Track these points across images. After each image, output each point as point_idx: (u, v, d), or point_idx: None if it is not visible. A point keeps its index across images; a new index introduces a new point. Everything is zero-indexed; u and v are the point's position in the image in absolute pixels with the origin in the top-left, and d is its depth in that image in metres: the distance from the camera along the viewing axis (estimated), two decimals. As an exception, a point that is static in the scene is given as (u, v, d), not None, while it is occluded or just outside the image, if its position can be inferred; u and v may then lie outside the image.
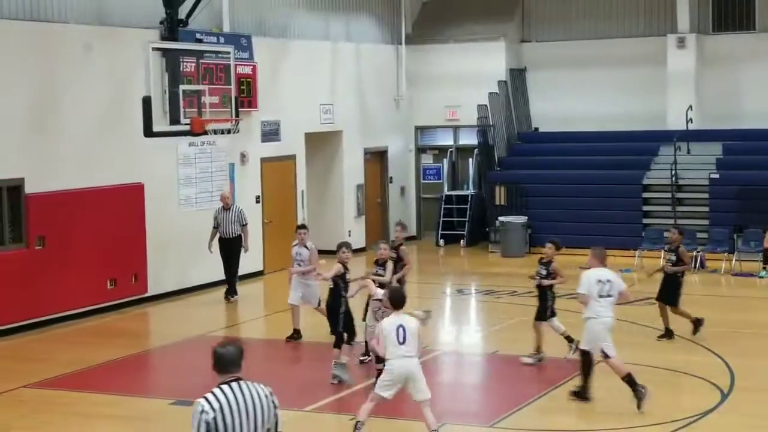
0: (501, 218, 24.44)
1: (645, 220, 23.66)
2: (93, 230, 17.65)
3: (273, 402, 6.17)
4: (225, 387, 6.09)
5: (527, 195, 24.64)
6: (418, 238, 27.44)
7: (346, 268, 13.35)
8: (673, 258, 15.62)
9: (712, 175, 23.17)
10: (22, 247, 16.64)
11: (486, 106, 25.64)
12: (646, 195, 23.93)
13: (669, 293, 15.46)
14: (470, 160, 26.94)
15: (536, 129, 27.06)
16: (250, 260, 20.39)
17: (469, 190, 26.72)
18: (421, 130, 27.67)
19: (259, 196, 21.85)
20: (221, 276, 19.56)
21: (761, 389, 12.70)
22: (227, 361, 6.13)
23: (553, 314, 14.07)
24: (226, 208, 18.85)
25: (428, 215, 27.42)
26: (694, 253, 21.62)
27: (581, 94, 26.14)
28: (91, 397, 12.78)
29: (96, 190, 17.80)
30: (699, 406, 11.81)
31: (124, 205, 18.36)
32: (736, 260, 21.47)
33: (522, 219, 24.29)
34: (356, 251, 24.66)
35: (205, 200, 20.11)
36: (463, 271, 23.37)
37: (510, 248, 24.12)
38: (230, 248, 18.98)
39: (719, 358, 14.04)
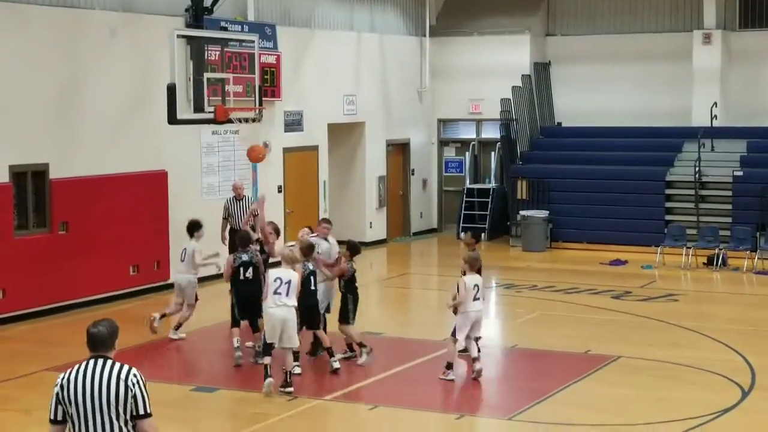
0: (522, 212, 24.40)
1: (667, 217, 23.56)
2: (116, 216, 17.75)
3: (128, 385, 6.20)
4: (83, 363, 6.27)
5: (549, 189, 24.58)
6: (439, 231, 27.43)
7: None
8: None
9: (736, 173, 23.06)
10: (46, 231, 16.74)
11: (509, 99, 25.60)
12: (669, 191, 23.83)
13: None
14: (492, 153, 26.91)
15: (559, 123, 26.99)
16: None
17: (491, 184, 26.70)
18: (443, 122, 27.65)
19: (281, 186, 21.89)
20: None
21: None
22: (95, 340, 6.30)
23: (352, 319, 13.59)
24: (239, 198, 18.38)
25: (450, 208, 27.41)
26: (717, 251, 21.58)
27: (605, 89, 26.05)
28: (111, 382, 12.82)
29: (120, 176, 17.89)
30: (719, 403, 11.78)
31: (148, 192, 18.45)
32: (758, 258, 21.36)
33: (543, 213, 24.24)
34: (377, 243, 24.89)
35: (228, 189, 20.11)
36: (483, 264, 23.30)
37: (531, 243, 24.09)
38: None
39: (740, 355, 14.00)
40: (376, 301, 18.72)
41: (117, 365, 6.27)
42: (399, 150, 26.33)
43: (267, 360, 12.14)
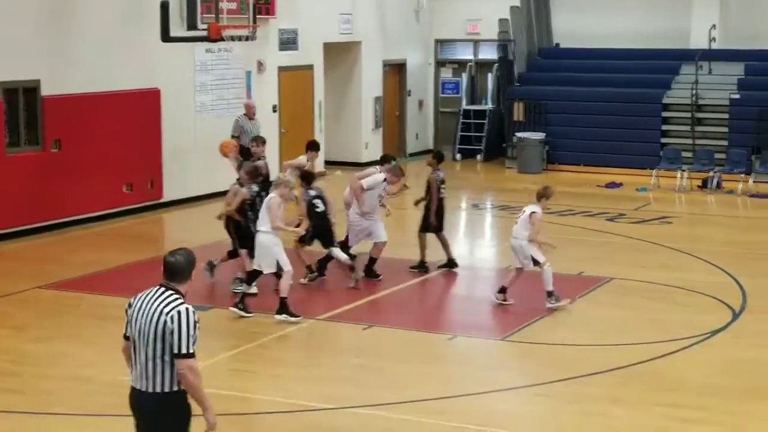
0: (519, 134, 24.31)
1: (663, 140, 23.50)
2: (109, 134, 17.66)
3: (166, 319, 6.08)
4: (150, 289, 6.27)
5: (546, 111, 24.46)
6: (435, 152, 27.34)
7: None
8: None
9: (733, 96, 22.94)
10: (38, 149, 16.65)
11: (507, 20, 25.33)
12: (665, 114, 23.73)
13: (437, 220, 14.42)
14: (489, 75, 26.73)
15: (557, 45, 26.75)
16: (265, 169, 20.35)
17: (488, 105, 26.56)
18: (440, 43, 27.41)
19: (275, 106, 21.74)
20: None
21: (773, 310, 12.74)
22: (170, 270, 6.25)
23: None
24: (251, 117, 18.39)
25: (446, 129, 27.30)
26: (711, 174, 21.57)
27: (604, 10, 25.76)
28: (105, 300, 12.90)
29: (113, 94, 17.76)
30: (710, 324, 11.85)
31: (141, 110, 18.33)
32: (753, 181, 21.36)
33: (540, 135, 24.15)
34: (373, 164, 24.77)
35: (221, 107, 20.04)
36: (479, 186, 23.34)
37: (527, 164, 24.03)
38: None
39: (732, 278, 14.05)
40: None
41: (171, 298, 6.16)
42: (395, 70, 26.13)
43: (249, 289, 12.41)
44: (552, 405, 9.60)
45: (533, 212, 12.38)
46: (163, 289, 6.21)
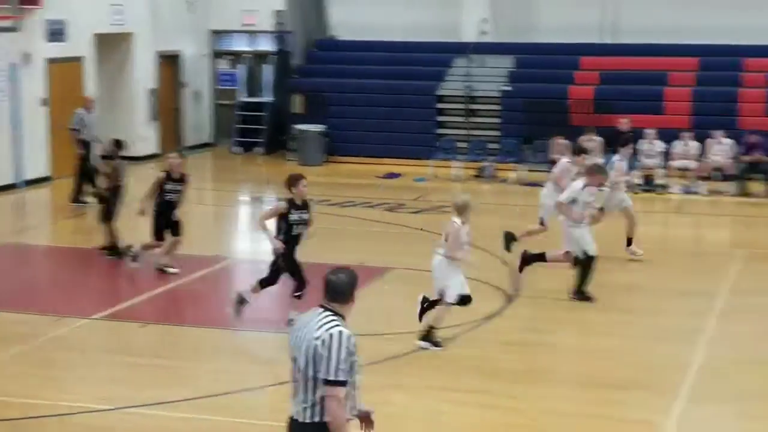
0: (298, 126, 24.30)
1: (439, 131, 23.96)
2: None
3: (316, 343, 5.75)
4: (311, 310, 6.01)
5: (325, 103, 24.53)
6: (214, 145, 27.04)
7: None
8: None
9: (504, 88, 23.65)
10: None
11: (283, 11, 25.27)
12: (440, 106, 24.21)
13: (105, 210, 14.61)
14: (267, 66, 26.61)
15: (333, 37, 26.87)
16: (35, 165, 19.65)
17: (266, 98, 26.43)
18: (216, 34, 27.08)
19: (45, 99, 20.93)
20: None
21: (542, 295, 13.16)
22: (331, 289, 5.91)
23: None
24: (90, 110, 18.57)
25: (223, 122, 27.00)
26: (485, 164, 22.17)
27: (378, 2, 26.01)
28: None
29: None
30: (485, 310, 12.13)
31: None
32: (524, 170, 22.07)
33: (319, 127, 24.20)
34: (149, 158, 24.26)
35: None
36: (260, 178, 23.21)
37: (307, 156, 24.04)
38: (91, 151, 18.58)
39: (507, 264, 14.44)
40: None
41: (326, 320, 5.79)
42: (170, 62, 25.62)
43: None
44: (334, 396, 9.59)
45: None
46: (321, 309, 5.87)
